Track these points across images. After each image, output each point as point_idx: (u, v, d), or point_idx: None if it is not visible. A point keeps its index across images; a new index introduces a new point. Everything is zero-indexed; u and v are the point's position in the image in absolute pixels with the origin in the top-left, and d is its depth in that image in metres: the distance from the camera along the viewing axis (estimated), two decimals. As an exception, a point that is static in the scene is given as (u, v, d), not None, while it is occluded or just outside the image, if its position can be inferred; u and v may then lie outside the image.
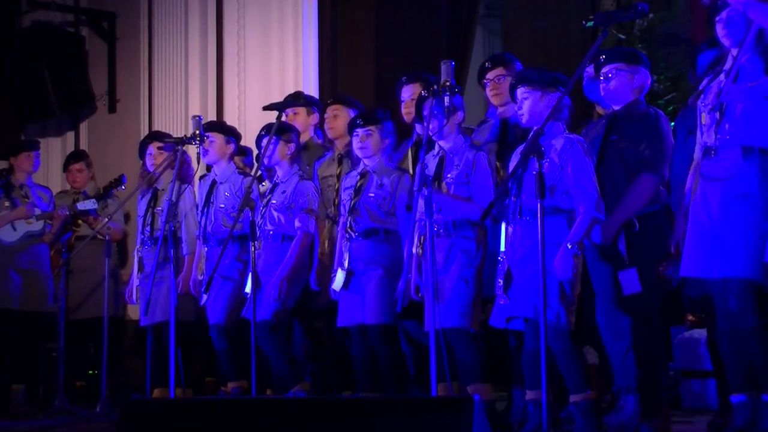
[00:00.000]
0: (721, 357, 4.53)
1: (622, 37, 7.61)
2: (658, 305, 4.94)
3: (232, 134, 6.34)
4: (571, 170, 4.70)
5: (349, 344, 5.67)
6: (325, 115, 6.27)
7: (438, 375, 4.62)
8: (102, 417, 6.42)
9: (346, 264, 5.49)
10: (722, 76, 4.38)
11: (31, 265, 7.34)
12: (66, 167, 7.97)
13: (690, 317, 6.48)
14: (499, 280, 4.77)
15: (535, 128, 4.70)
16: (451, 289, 5.04)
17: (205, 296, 6.04)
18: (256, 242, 5.61)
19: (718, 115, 4.33)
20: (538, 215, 4.29)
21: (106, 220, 6.99)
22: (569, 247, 4.59)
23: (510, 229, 4.80)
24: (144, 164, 6.66)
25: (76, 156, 8.03)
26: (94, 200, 7.26)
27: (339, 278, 5.49)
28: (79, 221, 7.57)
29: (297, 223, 5.81)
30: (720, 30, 4.39)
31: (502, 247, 4.83)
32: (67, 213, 7.30)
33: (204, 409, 3.92)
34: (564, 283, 4.64)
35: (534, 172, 4.34)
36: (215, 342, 6.13)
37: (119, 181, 7.30)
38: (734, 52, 4.37)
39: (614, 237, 4.81)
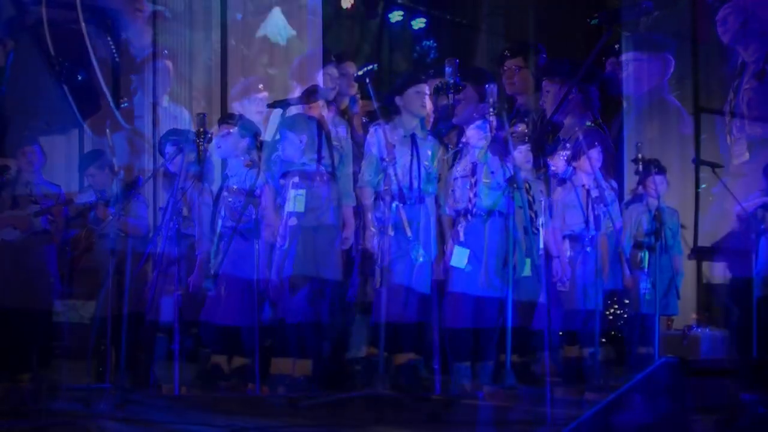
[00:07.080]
0: (737, 354, 4.50)
1: (627, 35, 7.59)
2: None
3: (247, 129, 6.29)
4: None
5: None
6: None
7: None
8: (104, 416, 6.42)
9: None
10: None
11: (33, 264, 7.30)
12: None
13: (694, 315, 6.48)
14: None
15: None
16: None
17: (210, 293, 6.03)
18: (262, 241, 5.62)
19: (728, 117, 4.33)
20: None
21: (110, 218, 6.96)
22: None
23: None
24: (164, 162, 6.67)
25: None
26: (91, 191, 7.20)
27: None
28: (86, 226, 7.53)
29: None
30: (717, 28, 4.40)
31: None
32: (64, 206, 7.25)
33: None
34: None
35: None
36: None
37: (134, 183, 7.25)
38: (741, 51, 4.38)
39: None
